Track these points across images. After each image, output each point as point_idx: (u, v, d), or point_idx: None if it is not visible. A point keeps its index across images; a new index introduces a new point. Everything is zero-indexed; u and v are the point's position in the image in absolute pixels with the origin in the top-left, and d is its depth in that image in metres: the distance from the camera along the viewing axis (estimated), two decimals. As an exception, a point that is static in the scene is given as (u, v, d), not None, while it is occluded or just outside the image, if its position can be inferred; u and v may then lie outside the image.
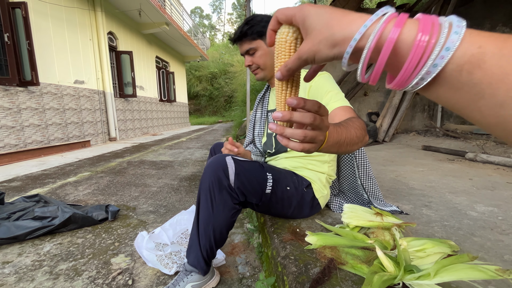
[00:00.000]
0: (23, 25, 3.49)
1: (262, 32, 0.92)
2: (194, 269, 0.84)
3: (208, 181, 0.80)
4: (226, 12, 41.22)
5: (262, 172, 0.88)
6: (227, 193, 0.80)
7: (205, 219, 0.81)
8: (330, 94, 0.84)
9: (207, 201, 0.81)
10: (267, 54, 0.94)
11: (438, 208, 1.22)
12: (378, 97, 4.87)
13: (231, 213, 0.82)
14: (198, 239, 0.83)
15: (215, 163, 0.81)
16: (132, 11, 6.03)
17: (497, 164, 2.19)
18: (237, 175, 0.80)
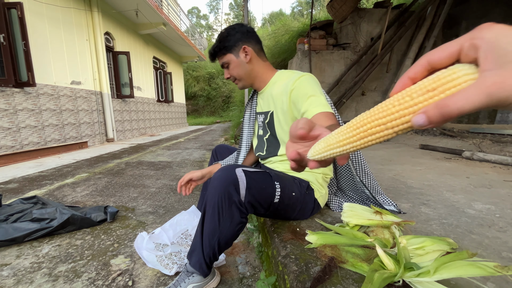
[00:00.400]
0: (19, 26, 3.46)
1: (229, 45, 0.95)
2: (195, 271, 0.84)
3: (216, 196, 0.76)
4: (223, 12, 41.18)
5: (271, 182, 0.85)
6: (236, 208, 0.77)
7: (210, 232, 0.79)
8: (310, 99, 0.83)
9: (213, 215, 0.78)
10: (238, 65, 0.97)
11: (436, 206, 1.23)
12: (376, 96, 4.90)
13: (238, 227, 0.81)
14: (202, 247, 0.81)
15: (224, 178, 0.77)
16: (129, 11, 6.01)
17: (493, 163, 2.21)
18: (248, 189, 0.78)
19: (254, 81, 1.01)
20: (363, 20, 4.75)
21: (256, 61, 0.98)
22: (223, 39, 0.95)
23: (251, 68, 0.97)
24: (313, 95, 0.84)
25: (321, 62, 4.75)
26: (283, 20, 11.09)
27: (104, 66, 5.40)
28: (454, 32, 4.55)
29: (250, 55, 0.95)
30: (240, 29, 0.96)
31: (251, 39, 0.96)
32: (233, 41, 0.94)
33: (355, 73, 4.71)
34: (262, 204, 0.84)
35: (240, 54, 0.95)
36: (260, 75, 0.99)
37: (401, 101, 0.25)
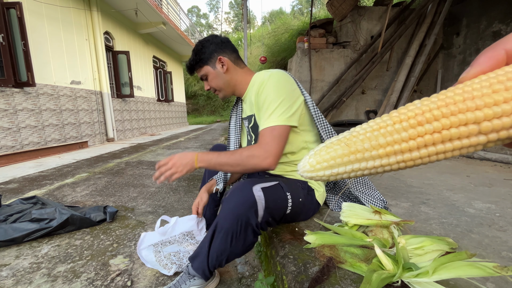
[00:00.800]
0: (18, 26, 3.45)
1: (204, 58, 0.95)
2: (197, 274, 0.84)
3: (232, 221, 0.73)
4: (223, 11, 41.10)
5: (283, 194, 0.84)
6: (252, 231, 0.76)
7: (219, 250, 0.77)
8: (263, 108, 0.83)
9: (226, 239, 0.75)
10: (216, 76, 0.96)
11: (436, 205, 1.22)
12: (376, 95, 4.88)
13: (249, 247, 0.80)
14: (207, 258, 0.79)
15: (242, 201, 0.73)
16: (128, 11, 5.99)
17: (494, 161, 2.20)
18: (266, 209, 0.76)
19: (235, 89, 1.00)
20: (363, 18, 4.73)
21: (234, 70, 0.97)
22: (198, 52, 0.95)
23: (229, 78, 0.97)
24: (268, 103, 0.82)
25: (321, 60, 4.73)
26: (283, 19, 11.07)
27: (104, 65, 5.39)
28: (455, 30, 4.53)
29: (226, 65, 0.95)
30: (214, 41, 0.96)
31: (226, 49, 0.96)
32: (208, 53, 0.94)
33: (355, 71, 4.69)
34: (275, 219, 0.83)
35: (216, 65, 0.95)
36: (239, 83, 0.99)
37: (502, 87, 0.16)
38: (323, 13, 9.32)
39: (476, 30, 4.14)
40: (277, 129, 0.80)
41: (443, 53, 4.79)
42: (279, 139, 0.80)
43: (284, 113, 0.81)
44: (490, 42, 3.91)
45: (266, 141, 0.79)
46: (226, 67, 0.95)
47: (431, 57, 4.76)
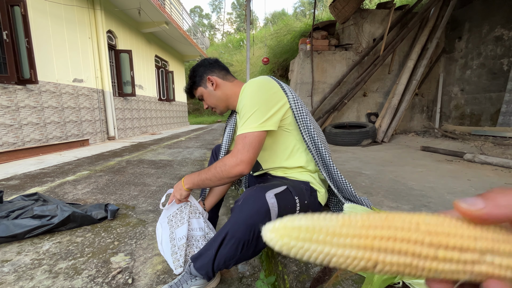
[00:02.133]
0: (21, 23, 3.47)
1: (196, 81, 1.04)
2: (199, 275, 0.83)
3: (245, 231, 0.73)
4: (226, 12, 41.19)
5: (292, 199, 0.84)
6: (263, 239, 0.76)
7: (229, 256, 0.77)
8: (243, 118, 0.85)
9: (236, 247, 0.74)
10: (209, 95, 1.04)
11: (437, 208, 1.23)
12: (377, 97, 4.89)
13: (259, 252, 0.80)
14: (213, 260, 0.78)
15: (257, 211, 0.72)
16: (131, 10, 6.02)
17: (495, 165, 2.21)
18: (279, 216, 0.74)
19: (228, 103, 1.05)
20: (365, 21, 4.74)
21: (223, 85, 1.03)
22: (191, 77, 1.05)
23: (220, 93, 1.03)
24: (244, 112, 0.86)
25: (323, 62, 4.74)
26: (285, 20, 11.09)
27: (106, 64, 5.41)
28: (457, 34, 4.54)
29: (215, 82, 1.02)
30: (203, 63, 1.05)
31: (214, 68, 1.04)
32: (199, 75, 1.04)
33: (356, 74, 4.70)
34: None
35: (207, 85, 1.03)
36: (230, 96, 1.03)
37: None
38: (326, 15, 9.34)
39: (479, 34, 4.15)
40: (248, 136, 0.82)
41: (445, 57, 4.79)
42: (249, 146, 0.82)
43: (256, 120, 0.83)
44: (492, 46, 3.92)
45: (237, 149, 0.82)
46: (216, 84, 1.02)
47: (433, 61, 4.77)
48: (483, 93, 4.11)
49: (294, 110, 0.93)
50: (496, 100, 3.90)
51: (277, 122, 0.88)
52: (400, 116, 4.23)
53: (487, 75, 4.04)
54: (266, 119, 0.85)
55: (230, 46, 21.44)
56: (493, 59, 3.93)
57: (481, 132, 3.56)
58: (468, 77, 4.35)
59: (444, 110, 4.87)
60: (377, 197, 1.39)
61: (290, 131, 0.95)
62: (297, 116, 0.93)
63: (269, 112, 0.86)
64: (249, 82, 0.91)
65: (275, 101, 0.88)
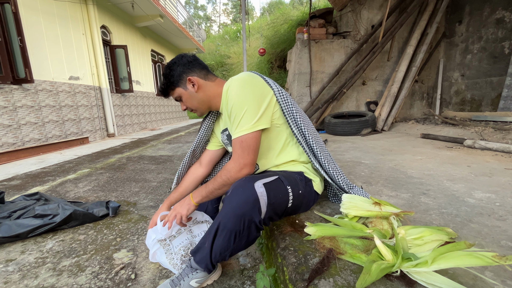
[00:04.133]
0: (13, 21, 3.41)
1: (174, 81, 0.95)
2: (200, 268, 0.85)
3: (235, 221, 0.73)
4: (221, 3, 40.36)
5: (284, 188, 0.85)
6: (255, 228, 0.76)
7: (223, 247, 0.77)
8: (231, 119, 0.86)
9: (229, 238, 0.75)
10: (190, 97, 0.97)
11: (436, 196, 1.23)
12: (377, 86, 4.83)
13: (252, 241, 0.81)
14: (210, 253, 0.79)
15: (245, 200, 0.73)
16: (124, 4, 5.89)
17: (495, 151, 2.20)
18: (269, 205, 0.77)
19: (210, 104, 1.00)
20: (363, 7, 4.64)
21: (205, 86, 0.96)
22: (167, 76, 0.96)
23: (202, 95, 0.96)
24: (234, 114, 0.85)
25: (321, 51, 4.67)
26: (282, 9, 10.88)
27: (102, 60, 5.34)
28: (457, 18, 4.44)
29: (197, 84, 0.94)
30: (181, 62, 0.96)
31: (194, 68, 0.96)
32: (176, 75, 0.95)
33: (355, 62, 4.63)
34: (278, 213, 0.85)
35: (187, 86, 0.95)
36: (213, 97, 0.98)
37: None
38: (323, 2, 9.13)
39: (479, 17, 4.06)
40: (245, 139, 0.83)
41: (445, 41, 4.71)
42: (248, 149, 0.83)
43: (249, 120, 0.83)
44: (494, 29, 3.84)
45: (238, 154, 0.84)
46: (197, 86, 0.95)
47: (433, 46, 4.69)
48: (483, 78, 4.06)
49: (280, 102, 0.91)
50: (497, 85, 3.85)
51: (269, 119, 0.88)
52: (400, 104, 4.19)
53: (488, 59, 3.97)
54: (258, 118, 0.84)
55: (227, 37, 21.09)
56: (494, 43, 3.86)
57: (481, 118, 3.54)
58: (468, 61, 4.29)
59: (444, 96, 4.82)
60: (377, 186, 1.40)
61: (280, 125, 0.93)
62: (284, 108, 0.92)
63: (260, 110, 0.84)
64: (232, 80, 0.88)
65: (263, 97, 0.86)
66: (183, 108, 1.02)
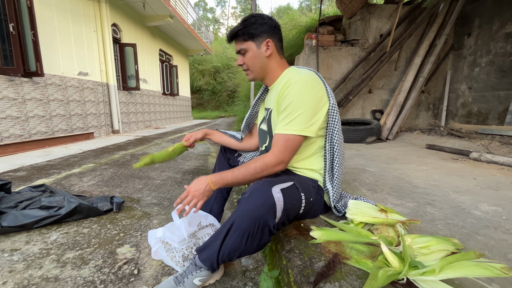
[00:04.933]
0: (27, 15, 3.48)
1: (254, 34, 0.91)
2: (204, 266, 0.85)
3: (250, 222, 0.73)
4: (230, 6, 40.76)
5: (298, 195, 0.85)
6: (268, 232, 0.76)
7: (232, 247, 0.77)
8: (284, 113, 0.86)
9: (242, 238, 0.75)
10: (257, 56, 0.94)
11: (442, 206, 1.22)
12: (383, 94, 4.83)
13: (263, 246, 0.80)
14: (218, 253, 0.79)
15: (262, 204, 0.73)
16: (136, 3, 5.99)
17: (501, 164, 2.18)
18: (284, 211, 0.77)
19: (266, 76, 0.99)
20: (372, 16, 4.66)
21: (274, 57, 0.96)
22: (249, 25, 0.91)
23: (267, 63, 0.96)
24: (290, 110, 0.84)
25: (329, 58, 4.69)
26: (291, 15, 10.96)
27: (111, 57, 5.42)
28: (467, 30, 4.44)
29: (271, 50, 0.93)
30: (269, 22, 0.93)
31: (276, 35, 0.94)
32: (259, 30, 0.91)
33: (362, 70, 4.64)
34: (289, 218, 0.84)
35: (262, 46, 0.93)
36: (272, 72, 0.98)
37: None
38: (332, 10, 9.19)
39: (489, 31, 4.06)
40: (291, 139, 0.83)
41: (453, 53, 4.71)
42: (291, 148, 0.84)
43: (302, 123, 0.83)
44: (503, 43, 3.84)
45: (279, 150, 0.83)
46: (270, 52, 0.93)
47: (441, 58, 4.69)
48: (491, 91, 4.04)
49: (329, 117, 0.91)
50: (504, 99, 3.83)
51: (317, 129, 0.88)
52: (406, 114, 4.18)
53: (496, 73, 3.96)
54: (309, 125, 0.85)
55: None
56: (503, 57, 3.84)
57: (488, 131, 3.51)
58: (476, 74, 4.27)
59: (450, 108, 4.80)
60: (382, 194, 1.39)
61: (318, 136, 0.94)
62: (329, 123, 0.92)
63: (314, 117, 0.85)
64: (297, 75, 0.86)
65: (320, 106, 0.87)
66: (240, 63, 0.97)
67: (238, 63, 0.98)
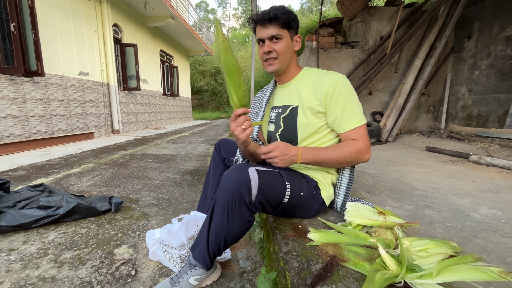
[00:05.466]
0: (29, 15, 3.49)
1: (291, 24, 0.92)
2: (198, 264, 0.85)
3: (227, 197, 0.76)
4: (231, 7, 40.88)
5: (282, 183, 0.87)
6: (246, 208, 0.78)
7: (218, 229, 0.79)
8: (344, 111, 0.90)
9: (223, 214, 0.78)
10: (288, 47, 0.94)
11: (441, 209, 1.22)
12: (383, 96, 4.84)
13: (246, 226, 0.81)
14: (207, 242, 0.81)
15: (237, 179, 0.77)
16: (137, 4, 6.01)
17: (501, 167, 2.18)
18: (260, 189, 0.78)
19: (286, 70, 1.01)
20: (373, 18, 4.67)
21: (295, 55, 1.01)
22: (288, 13, 0.92)
23: (293, 58, 0.99)
24: (350, 105, 0.90)
25: (329, 60, 4.70)
26: (292, 16, 10.98)
27: (112, 58, 5.43)
28: (467, 33, 4.45)
29: (299, 46, 0.98)
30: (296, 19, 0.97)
31: None
32: (295, 23, 0.94)
33: (362, 72, 4.65)
34: (271, 204, 0.85)
35: (293, 39, 0.96)
36: (292, 68, 1.01)
37: None
38: (333, 12, 9.21)
39: (489, 34, 4.07)
40: (364, 127, 0.92)
41: (454, 56, 4.72)
42: (367, 135, 0.93)
43: (361, 114, 0.93)
44: (503, 46, 3.84)
45: (365, 138, 0.91)
46: (298, 48, 0.98)
47: (441, 60, 4.70)
48: (491, 94, 4.04)
49: None
50: (504, 102, 3.83)
51: None
52: (406, 116, 4.18)
53: (496, 75, 3.96)
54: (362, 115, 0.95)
55: (236, 41, 21.32)
56: (503, 60, 3.85)
57: (487, 134, 3.51)
58: (476, 77, 4.28)
59: (450, 111, 4.80)
60: (380, 196, 1.39)
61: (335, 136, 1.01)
62: None
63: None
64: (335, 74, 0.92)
65: None
66: (269, 49, 0.92)
67: (266, 50, 0.92)
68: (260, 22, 0.92)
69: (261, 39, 0.94)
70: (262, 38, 0.94)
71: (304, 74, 1.01)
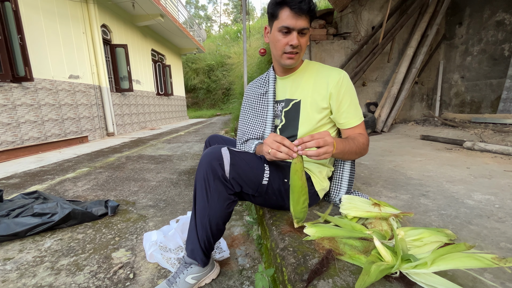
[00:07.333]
0: (13, 19, 3.40)
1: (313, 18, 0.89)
2: (193, 261, 0.85)
3: (202, 172, 0.80)
4: (222, 3, 40.34)
5: (259, 164, 0.89)
6: (221, 183, 0.80)
7: (201, 210, 0.82)
8: (350, 108, 0.94)
9: (202, 191, 0.81)
10: (307, 40, 0.91)
11: (436, 197, 1.23)
12: (377, 87, 4.84)
13: (226, 204, 0.82)
14: (196, 231, 0.83)
15: (210, 154, 0.81)
16: (125, 3, 5.89)
17: (494, 153, 2.20)
18: (232, 166, 0.81)
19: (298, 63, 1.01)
20: (364, 8, 4.64)
21: None
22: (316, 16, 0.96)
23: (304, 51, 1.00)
24: (354, 103, 0.96)
25: (321, 52, 4.67)
26: (283, 10, 10.86)
27: (102, 59, 5.34)
28: (458, 20, 4.45)
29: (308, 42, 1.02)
30: None
31: None
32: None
33: (355, 63, 4.64)
34: (248, 184, 0.85)
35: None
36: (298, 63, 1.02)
37: None
38: (324, 3, 9.13)
39: (480, 19, 4.07)
40: (363, 122, 0.98)
41: (445, 43, 4.72)
42: None
43: (360, 111, 0.99)
44: (494, 31, 3.85)
45: (366, 133, 0.97)
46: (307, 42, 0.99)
47: (433, 48, 4.70)
48: (483, 80, 4.07)
49: None
50: (496, 87, 3.85)
51: None
52: (400, 105, 4.19)
53: (487, 61, 3.98)
54: None
55: (228, 37, 21.10)
56: (494, 45, 3.86)
57: (481, 120, 3.54)
58: (468, 63, 4.29)
59: (444, 98, 4.83)
60: (376, 187, 1.39)
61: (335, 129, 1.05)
62: None
63: None
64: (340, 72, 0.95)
65: None
66: (297, 42, 0.86)
67: (296, 43, 0.86)
68: (295, 8, 0.81)
69: (289, 28, 0.84)
70: (292, 28, 0.84)
71: (306, 67, 1.01)
